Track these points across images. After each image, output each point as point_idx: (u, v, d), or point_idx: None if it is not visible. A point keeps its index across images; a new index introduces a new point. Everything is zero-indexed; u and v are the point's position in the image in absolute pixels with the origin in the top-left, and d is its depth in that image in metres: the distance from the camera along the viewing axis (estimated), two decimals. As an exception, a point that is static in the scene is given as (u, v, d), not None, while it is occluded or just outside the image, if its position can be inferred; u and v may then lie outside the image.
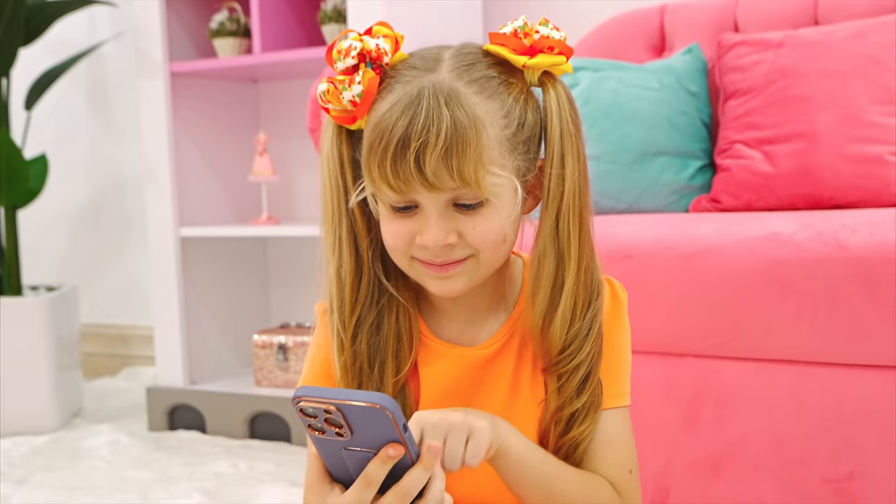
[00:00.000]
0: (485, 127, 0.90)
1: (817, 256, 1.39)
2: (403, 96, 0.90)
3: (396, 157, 0.88)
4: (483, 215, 0.92)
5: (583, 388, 0.97)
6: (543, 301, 0.96)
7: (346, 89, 0.93)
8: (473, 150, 0.88)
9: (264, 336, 2.48)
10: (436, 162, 0.87)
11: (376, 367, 0.98)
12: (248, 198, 2.77)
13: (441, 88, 0.90)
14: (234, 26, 2.51)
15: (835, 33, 1.89)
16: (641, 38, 2.21)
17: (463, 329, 1.01)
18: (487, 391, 1.00)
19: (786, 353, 1.44)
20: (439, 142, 0.87)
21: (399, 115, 0.89)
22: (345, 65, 0.94)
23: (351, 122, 0.96)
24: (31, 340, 2.54)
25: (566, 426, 0.97)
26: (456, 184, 0.89)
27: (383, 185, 0.90)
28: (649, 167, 1.95)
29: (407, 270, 0.96)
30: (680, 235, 1.52)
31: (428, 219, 0.91)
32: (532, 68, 0.94)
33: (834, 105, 1.82)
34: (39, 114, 3.12)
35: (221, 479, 2.08)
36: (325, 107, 0.96)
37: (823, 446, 1.42)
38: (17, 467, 2.23)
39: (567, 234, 0.95)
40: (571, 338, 0.96)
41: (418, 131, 0.88)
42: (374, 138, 0.90)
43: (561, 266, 0.95)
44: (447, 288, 0.94)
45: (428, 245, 0.91)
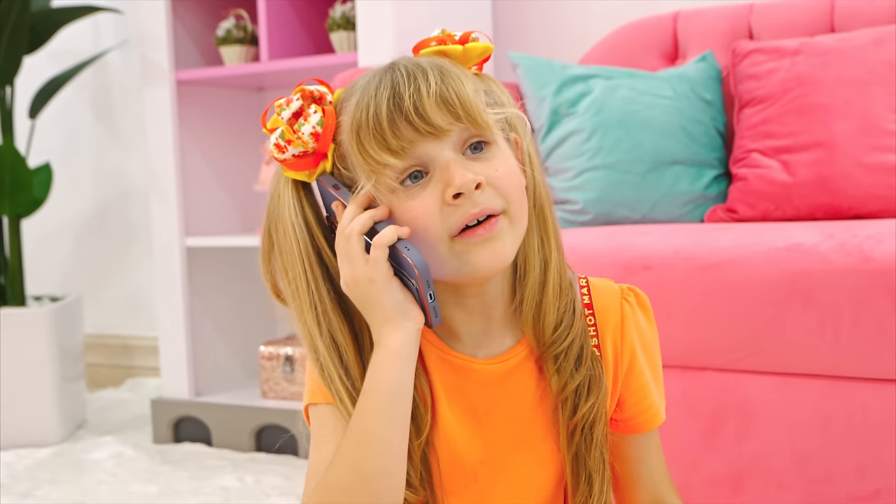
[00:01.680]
0: (468, 75, 0.89)
1: (842, 268, 1.36)
2: (373, 75, 0.89)
3: (392, 113, 0.85)
4: (497, 157, 0.89)
5: (579, 362, 0.95)
6: (534, 283, 0.94)
7: (304, 124, 0.89)
8: (466, 85, 0.87)
9: (271, 347, 2.45)
10: (435, 102, 0.85)
11: None
12: (255, 207, 2.74)
13: (412, 59, 0.89)
14: (241, 34, 2.49)
15: (852, 40, 1.86)
16: (654, 45, 2.19)
17: (478, 343, 0.97)
18: (505, 410, 0.96)
19: (809, 367, 1.41)
20: (430, 81, 0.85)
21: (377, 83, 0.87)
22: (290, 111, 0.90)
23: (313, 167, 0.91)
24: (34, 351, 2.51)
25: (573, 407, 0.95)
26: (461, 121, 0.86)
27: (384, 153, 0.85)
28: (663, 176, 1.92)
29: (446, 259, 0.89)
30: (699, 246, 1.49)
31: (447, 167, 0.86)
32: (470, 53, 0.93)
33: (852, 113, 1.79)
34: (44, 122, 3.09)
35: (228, 494, 2.05)
36: (280, 158, 0.90)
37: (848, 463, 1.38)
38: (21, 480, 2.20)
39: (543, 215, 0.95)
40: (562, 314, 0.95)
41: (405, 81, 0.85)
42: (359, 117, 0.86)
43: (544, 246, 0.94)
44: (496, 251, 0.88)
45: (461, 187, 0.85)
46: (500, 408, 0.96)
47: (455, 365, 0.96)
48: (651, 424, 1.01)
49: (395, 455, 0.87)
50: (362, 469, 0.87)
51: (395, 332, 0.88)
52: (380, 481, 0.87)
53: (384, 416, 0.87)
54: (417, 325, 0.89)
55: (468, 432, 0.96)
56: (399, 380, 0.88)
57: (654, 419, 1.01)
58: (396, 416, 0.88)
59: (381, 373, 0.88)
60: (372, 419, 0.87)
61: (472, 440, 0.96)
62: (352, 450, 0.87)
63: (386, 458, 0.87)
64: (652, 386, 1.00)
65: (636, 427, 1.00)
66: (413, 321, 0.89)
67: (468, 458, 0.96)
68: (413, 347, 0.89)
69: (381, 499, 0.87)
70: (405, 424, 0.89)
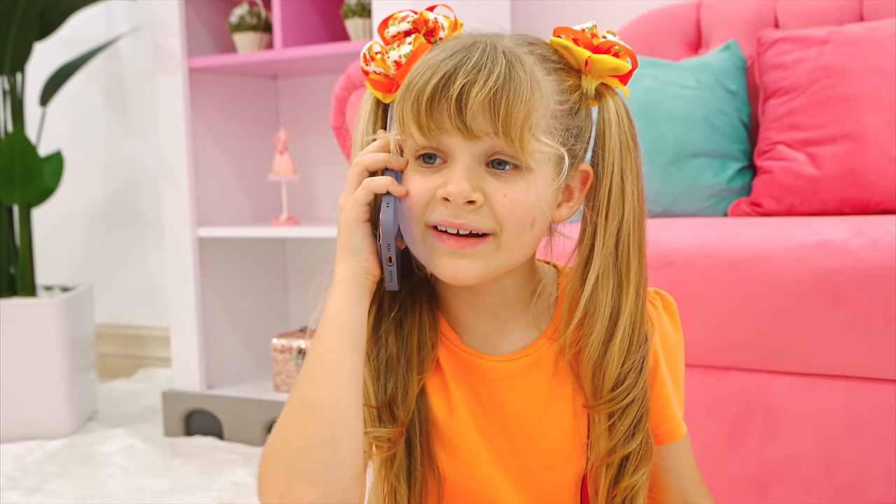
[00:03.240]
0: (540, 87, 0.82)
1: (873, 265, 1.31)
2: (454, 42, 0.84)
3: (436, 93, 0.81)
4: (517, 183, 0.83)
5: (636, 428, 0.89)
6: (601, 331, 0.87)
7: (395, 49, 0.87)
8: (524, 104, 0.80)
9: (283, 340, 2.42)
10: (480, 104, 0.80)
11: (402, 361, 0.91)
12: (268, 197, 2.70)
13: (500, 43, 0.84)
14: (255, 21, 2.45)
15: (882, 29, 1.81)
16: (677, 34, 2.13)
17: (483, 339, 0.93)
18: (514, 411, 0.93)
19: (838, 368, 1.36)
20: (489, 83, 0.80)
21: (448, 54, 0.82)
22: (398, 28, 0.88)
23: (389, 91, 0.89)
24: (44, 342, 2.48)
25: (618, 472, 0.90)
26: (496, 135, 0.81)
27: (412, 124, 0.82)
28: (686, 169, 1.87)
29: (418, 244, 0.87)
30: (724, 242, 1.44)
31: (456, 169, 0.83)
32: (595, 65, 0.86)
33: (882, 105, 1.74)
34: (56, 110, 3.06)
35: (239, 490, 2.01)
36: (364, 68, 0.89)
37: (878, 468, 1.34)
38: (30, 474, 2.17)
39: (627, 257, 0.87)
40: (626, 371, 0.88)
41: (467, 70, 0.80)
42: (415, 76, 0.83)
43: (619, 292, 0.88)
44: (459, 269, 0.85)
45: (451, 195, 0.82)
46: (507, 407, 0.93)
47: (464, 358, 0.93)
48: (672, 436, 0.97)
49: (340, 381, 0.84)
50: (307, 397, 0.84)
51: (345, 267, 0.87)
52: (325, 406, 0.83)
53: (329, 345, 0.85)
54: (365, 270, 0.87)
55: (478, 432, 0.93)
56: (341, 311, 0.86)
57: (675, 430, 0.97)
58: (342, 345, 0.85)
59: (328, 304, 0.87)
60: (318, 348, 0.86)
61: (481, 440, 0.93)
62: (300, 381, 0.86)
63: (331, 385, 0.84)
64: (672, 396, 0.96)
65: (657, 438, 0.95)
66: (362, 267, 0.87)
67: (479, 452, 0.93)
68: (360, 287, 0.87)
69: (328, 425, 0.83)
70: (353, 355, 0.85)
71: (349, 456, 0.83)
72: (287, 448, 0.83)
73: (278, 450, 0.84)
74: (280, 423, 0.85)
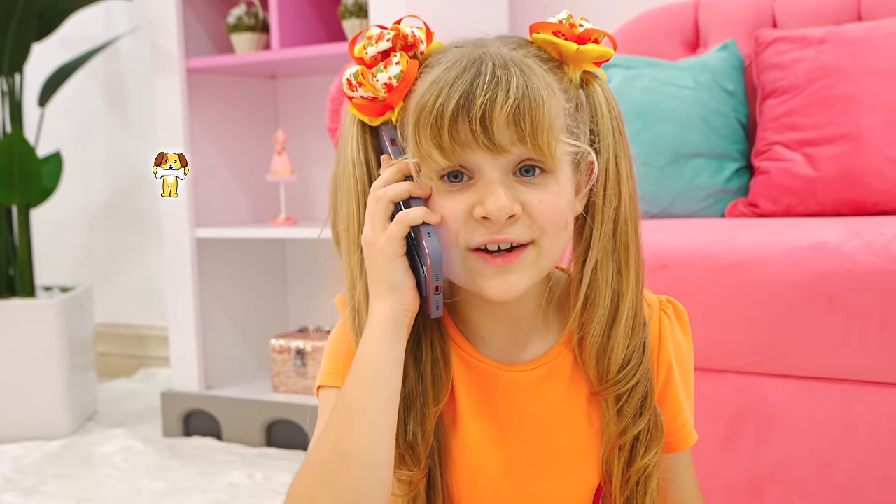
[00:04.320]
0: (554, 91, 0.82)
1: (868, 268, 1.30)
2: (460, 59, 0.82)
3: (458, 115, 0.79)
4: (549, 188, 0.83)
5: (643, 407, 0.89)
6: (603, 316, 0.87)
7: (382, 71, 0.84)
8: (546, 111, 0.80)
9: (282, 340, 2.41)
10: (506, 118, 0.79)
11: (420, 394, 0.89)
12: (266, 198, 2.70)
13: (503, 53, 0.82)
14: (253, 21, 2.44)
15: (880, 29, 1.80)
16: (675, 33, 2.13)
17: (501, 349, 0.92)
18: (532, 420, 0.92)
19: (833, 371, 1.35)
20: (510, 97, 0.78)
21: (460, 72, 0.80)
22: (377, 49, 0.85)
23: (379, 114, 0.87)
24: (43, 343, 2.48)
25: (630, 454, 0.90)
26: (525, 146, 0.80)
27: (433, 148, 0.81)
28: (684, 169, 1.87)
29: (458, 268, 0.85)
30: (719, 244, 1.43)
31: (489, 185, 0.81)
32: (582, 55, 0.86)
33: (880, 105, 1.73)
34: (56, 110, 3.06)
35: (237, 491, 2.01)
36: (349, 95, 0.87)
37: (874, 471, 1.33)
38: (28, 475, 2.17)
39: (625, 242, 0.87)
40: (630, 354, 0.89)
41: (485, 86, 0.79)
42: (427, 100, 0.80)
43: (619, 277, 0.87)
44: (509, 285, 0.84)
45: (492, 213, 0.81)
46: (526, 417, 0.92)
47: (481, 370, 0.91)
48: (684, 444, 0.97)
49: (377, 429, 0.83)
50: (343, 444, 0.83)
51: (384, 306, 0.84)
52: (361, 457, 0.82)
53: (366, 389, 0.83)
54: (406, 308, 0.85)
55: (490, 440, 0.91)
56: (380, 353, 0.84)
57: (687, 439, 0.97)
58: (379, 390, 0.83)
59: (365, 346, 0.85)
60: (354, 392, 0.84)
61: (493, 449, 0.91)
62: (334, 425, 0.84)
63: (368, 433, 0.82)
64: (685, 404, 0.96)
65: (668, 446, 0.95)
66: (402, 304, 0.85)
67: (488, 467, 0.91)
68: (399, 327, 0.85)
69: (364, 475, 0.82)
70: (390, 399, 0.84)
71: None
72: (319, 496, 0.82)
73: (308, 497, 0.83)
74: (311, 465, 0.84)
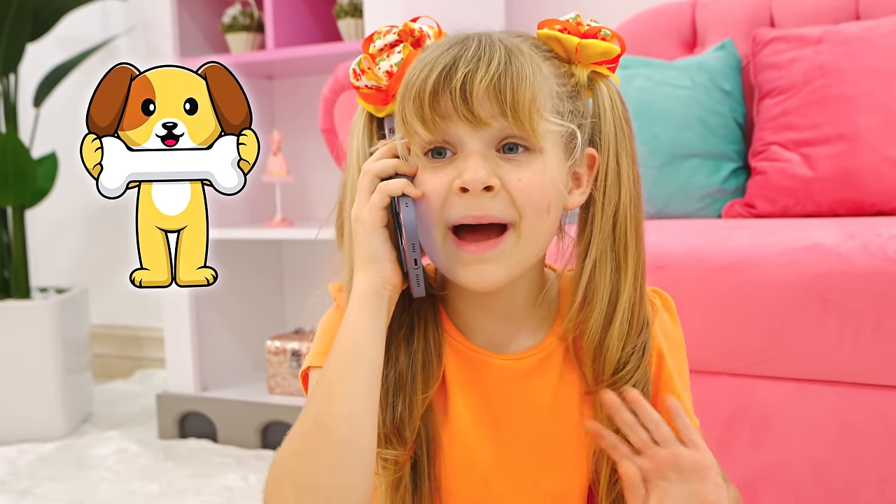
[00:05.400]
0: (541, 70, 0.82)
1: (863, 270, 1.29)
2: (447, 39, 0.84)
3: (438, 86, 0.79)
4: (530, 167, 0.82)
5: None
6: (600, 315, 0.87)
7: (384, 59, 0.86)
8: (528, 85, 0.80)
9: (278, 342, 2.40)
10: (485, 90, 0.79)
11: (410, 379, 0.88)
12: (262, 199, 2.69)
13: (492, 34, 0.83)
14: (248, 21, 2.43)
15: (878, 28, 1.79)
16: (672, 33, 2.12)
17: (491, 340, 0.91)
18: (523, 411, 0.91)
19: (828, 374, 1.34)
20: (491, 69, 0.79)
21: (444, 49, 0.81)
22: (384, 41, 0.87)
23: (383, 104, 0.88)
24: (38, 344, 2.47)
25: None
26: (505, 119, 0.80)
27: (416, 122, 0.81)
28: (680, 170, 1.86)
29: (438, 250, 0.85)
30: (714, 245, 1.42)
31: (469, 157, 0.82)
32: (585, 51, 0.86)
33: (877, 105, 1.72)
34: (53, 110, 3.04)
35: (231, 494, 2.00)
36: (355, 84, 0.88)
37: (870, 474, 1.32)
38: (22, 477, 2.16)
39: (624, 241, 0.87)
40: (627, 355, 0.88)
41: (467, 59, 0.79)
42: (413, 75, 0.81)
43: (617, 276, 0.87)
44: (484, 274, 0.84)
45: (468, 183, 0.81)
46: (518, 407, 0.91)
47: (472, 358, 0.91)
48: None
49: (357, 402, 0.82)
50: (322, 415, 0.82)
51: (364, 279, 0.84)
52: (341, 429, 0.81)
53: (345, 361, 0.83)
54: (385, 280, 0.84)
55: (481, 429, 0.91)
56: (359, 325, 0.83)
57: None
58: (359, 363, 0.83)
59: (346, 320, 0.84)
60: (334, 365, 0.83)
61: (484, 438, 0.91)
62: (315, 398, 0.84)
63: (347, 405, 0.82)
64: (683, 391, 0.95)
65: None
66: (381, 277, 0.84)
67: (479, 456, 0.91)
68: (379, 299, 0.84)
69: (342, 447, 0.81)
70: (371, 373, 0.83)
71: (362, 480, 0.82)
72: (298, 466, 0.82)
73: (289, 466, 0.82)
74: (292, 437, 0.84)
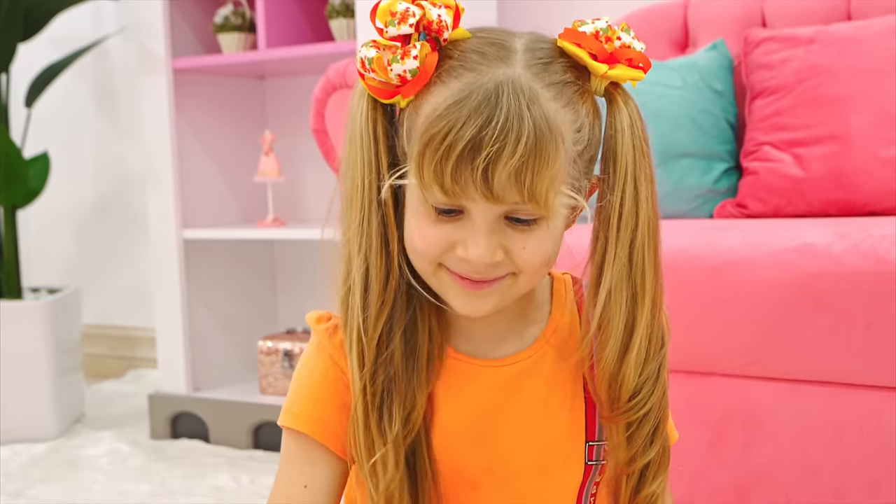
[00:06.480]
0: (563, 142, 0.77)
1: (855, 270, 1.29)
2: (476, 90, 0.76)
3: (462, 160, 0.75)
4: (536, 235, 0.80)
5: (654, 435, 0.87)
6: (615, 343, 0.84)
7: (398, 62, 0.80)
8: (550, 168, 0.76)
9: (270, 342, 2.40)
10: (507, 176, 0.75)
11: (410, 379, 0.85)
12: (254, 199, 2.69)
13: (521, 87, 0.76)
14: (240, 21, 2.42)
15: (869, 29, 1.79)
16: (664, 33, 2.11)
17: (477, 346, 0.90)
18: (511, 417, 0.89)
19: (820, 374, 1.34)
20: (517, 153, 0.74)
21: (472, 111, 0.75)
22: (398, 31, 0.80)
23: (389, 97, 0.82)
24: (30, 345, 2.46)
25: (638, 482, 0.88)
26: (523, 200, 0.76)
27: (435, 186, 0.77)
28: (672, 170, 1.86)
29: (428, 278, 0.83)
30: (705, 246, 1.42)
31: (477, 231, 0.79)
32: (611, 79, 0.82)
33: (869, 105, 1.72)
34: (45, 110, 3.04)
35: (222, 494, 2.00)
36: (362, 73, 0.82)
37: (862, 475, 1.32)
38: (13, 479, 2.15)
39: (642, 269, 0.83)
40: (643, 381, 0.85)
41: (494, 137, 0.74)
42: (435, 132, 0.76)
43: (634, 304, 0.83)
44: (473, 306, 0.82)
45: (472, 260, 0.79)
46: (506, 413, 0.89)
47: (458, 368, 0.89)
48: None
49: None
50: None
51: None
52: None
53: None
54: None
55: (468, 438, 0.89)
56: None
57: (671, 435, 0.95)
58: None
59: None
60: None
61: (471, 446, 0.89)
62: None
63: None
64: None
65: None
66: None
67: (469, 464, 0.89)
68: None
69: None
70: None
71: None
72: None
73: None
74: None
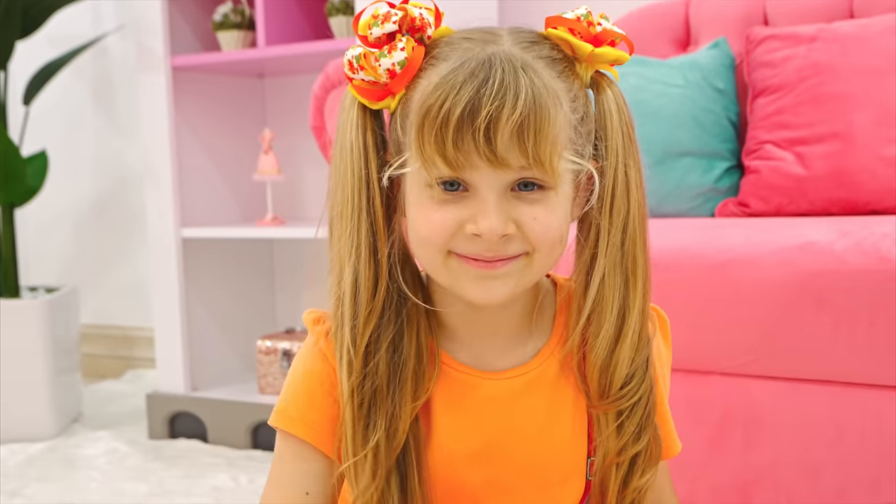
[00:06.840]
0: (561, 104, 0.77)
1: (857, 268, 1.28)
2: (469, 59, 0.76)
3: (462, 123, 0.74)
4: (545, 205, 0.78)
5: (644, 425, 0.86)
6: (608, 330, 0.83)
7: (385, 56, 0.80)
8: (551, 127, 0.75)
9: (268, 341, 2.38)
10: (509, 134, 0.74)
11: (393, 390, 0.83)
12: (253, 197, 2.67)
13: (513, 56, 0.76)
14: (239, 18, 2.41)
15: (872, 27, 1.78)
16: (665, 31, 2.10)
17: (478, 357, 0.88)
18: (514, 430, 0.87)
19: (821, 373, 1.33)
20: (517, 110, 0.73)
21: (468, 75, 0.75)
22: (382, 31, 0.80)
23: (378, 99, 0.82)
24: (28, 344, 2.45)
25: (627, 472, 0.86)
26: (527, 163, 0.75)
27: (437, 156, 0.76)
28: (673, 169, 1.85)
29: (437, 270, 0.81)
30: (707, 244, 1.41)
31: (485, 203, 0.77)
32: (597, 58, 0.82)
33: (871, 103, 1.71)
34: (44, 108, 3.03)
35: (220, 494, 1.98)
36: (350, 76, 0.83)
37: (863, 474, 1.31)
38: (11, 478, 2.14)
39: (633, 255, 0.83)
40: (634, 370, 0.84)
41: (492, 95, 0.74)
42: (432, 102, 0.75)
43: (626, 290, 0.83)
44: (491, 291, 0.80)
45: (483, 233, 0.77)
46: (508, 427, 0.87)
47: (459, 380, 0.87)
48: (672, 451, 0.95)
49: None
50: None
51: None
52: None
53: None
54: None
55: (469, 451, 0.87)
56: None
57: (674, 446, 0.94)
58: None
59: None
60: None
61: (472, 460, 0.87)
62: None
63: None
64: (669, 412, 0.93)
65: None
66: None
67: (469, 478, 0.87)
68: None
69: None
70: None
71: None
72: None
73: None
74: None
